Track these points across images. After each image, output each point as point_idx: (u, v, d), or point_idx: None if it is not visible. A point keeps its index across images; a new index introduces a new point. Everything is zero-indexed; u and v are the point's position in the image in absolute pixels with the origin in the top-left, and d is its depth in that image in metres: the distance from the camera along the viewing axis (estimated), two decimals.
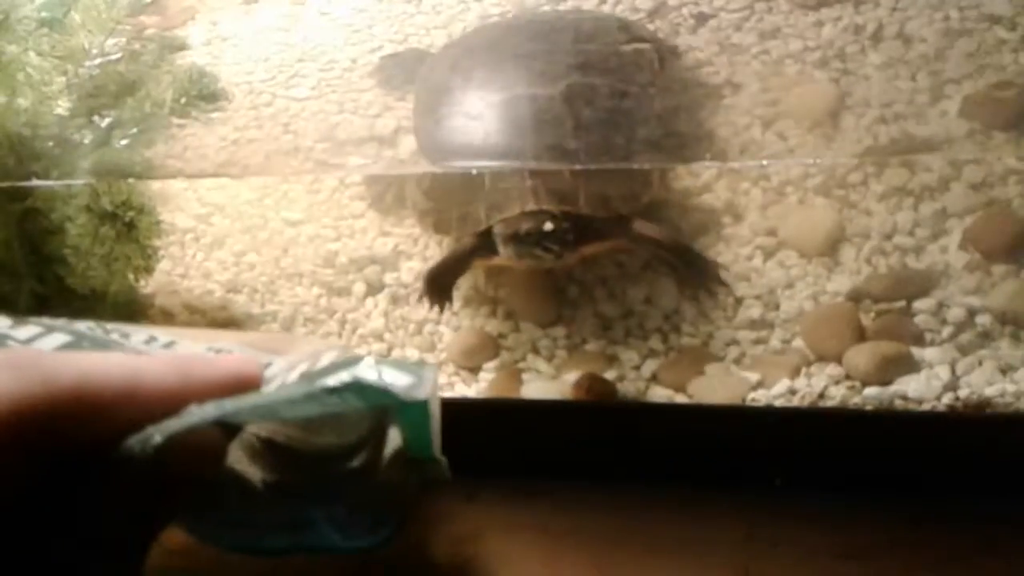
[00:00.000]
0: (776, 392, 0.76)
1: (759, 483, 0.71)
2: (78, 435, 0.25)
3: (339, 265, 0.92)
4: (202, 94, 0.88)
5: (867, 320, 0.79)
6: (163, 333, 0.32)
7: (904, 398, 0.73)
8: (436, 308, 0.87)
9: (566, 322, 0.85)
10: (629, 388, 0.79)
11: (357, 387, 0.26)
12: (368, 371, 0.26)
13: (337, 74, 1.01)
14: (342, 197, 0.97)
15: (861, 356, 0.76)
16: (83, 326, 0.31)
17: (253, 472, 0.31)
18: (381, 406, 0.29)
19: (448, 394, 0.81)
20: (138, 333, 0.32)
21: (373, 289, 0.91)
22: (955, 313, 0.77)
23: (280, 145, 0.94)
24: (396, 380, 0.27)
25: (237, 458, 0.31)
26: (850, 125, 0.85)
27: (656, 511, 0.73)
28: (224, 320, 0.91)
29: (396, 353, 0.87)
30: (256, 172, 0.95)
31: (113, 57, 0.95)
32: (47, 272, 0.83)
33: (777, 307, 0.81)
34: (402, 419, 0.31)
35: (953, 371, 0.74)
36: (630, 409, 0.79)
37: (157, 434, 0.26)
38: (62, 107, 0.90)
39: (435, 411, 0.30)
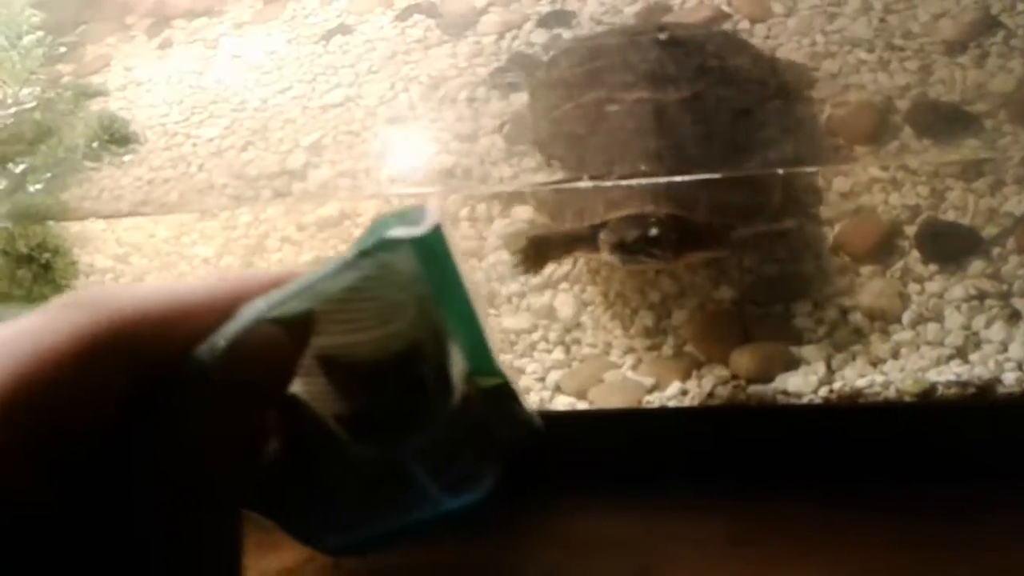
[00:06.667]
0: (669, 393, 0.81)
1: (655, 481, 0.77)
2: (147, 356, 0.26)
3: None
4: (114, 138, 0.91)
5: (751, 323, 0.85)
6: None
7: (785, 393, 0.79)
8: (522, 269, 0.88)
9: None
10: (534, 399, 0.84)
11: (385, 243, 0.27)
12: (390, 227, 0.27)
13: (248, 114, 1.05)
14: (256, 231, 1.01)
15: (745, 357, 0.81)
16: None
17: (328, 407, 0.30)
18: (414, 279, 0.28)
19: None
20: None
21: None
22: (829, 313, 0.84)
23: (194, 183, 0.98)
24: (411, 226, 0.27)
25: (309, 395, 0.30)
26: None
27: (562, 512, 0.78)
28: None
29: None
30: (171, 210, 0.98)
31: (28, 106, 0.98)
32: None
33: (669, 315, 0.87)
34: (444, 303, 0.29)
35: (828, 366, 0.80)
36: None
37: (221, 339, 0.26)
38: None
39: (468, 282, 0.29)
